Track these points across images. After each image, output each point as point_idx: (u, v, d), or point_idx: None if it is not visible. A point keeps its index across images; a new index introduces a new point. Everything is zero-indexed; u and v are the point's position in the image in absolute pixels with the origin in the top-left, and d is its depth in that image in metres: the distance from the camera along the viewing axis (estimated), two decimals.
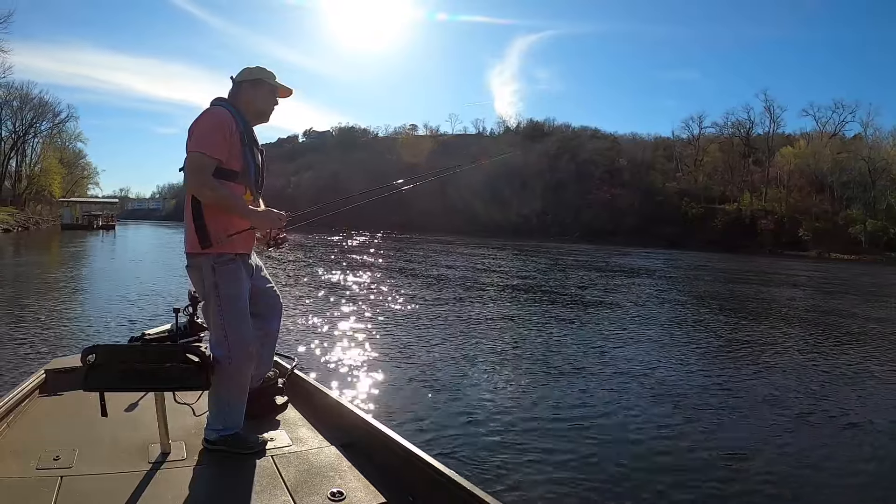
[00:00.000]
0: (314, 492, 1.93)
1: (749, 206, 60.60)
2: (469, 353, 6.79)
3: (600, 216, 64.65)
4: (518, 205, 70.95)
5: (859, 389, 6.03)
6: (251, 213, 2.26)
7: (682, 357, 7.20)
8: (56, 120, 59.59)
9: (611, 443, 4.18)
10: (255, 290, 2.43)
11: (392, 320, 8.74)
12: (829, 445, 4.37)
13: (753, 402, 5.37)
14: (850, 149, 58.56)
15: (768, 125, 67.17)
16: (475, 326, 8.54)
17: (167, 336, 2.94)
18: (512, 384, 5.59)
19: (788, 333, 9.40)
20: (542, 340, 7.83)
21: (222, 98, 2.37)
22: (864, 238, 50.33)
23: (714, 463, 3.91)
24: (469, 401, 4.98)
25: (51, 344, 6.34)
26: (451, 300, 11.28)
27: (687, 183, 69.15)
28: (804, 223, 53.93)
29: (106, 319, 8.02)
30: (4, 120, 54.96)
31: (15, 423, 2.39)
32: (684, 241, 53.13)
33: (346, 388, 5.17)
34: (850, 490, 3.65)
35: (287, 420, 2.57)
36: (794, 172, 60.21)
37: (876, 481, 3.79)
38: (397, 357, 6.41)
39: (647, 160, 73.73)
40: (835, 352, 7.98)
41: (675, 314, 11.02)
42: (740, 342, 8.40)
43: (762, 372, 6.60)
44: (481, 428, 4.33)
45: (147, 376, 2.08)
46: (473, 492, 1.75)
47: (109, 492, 1.86)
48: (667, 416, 4.83)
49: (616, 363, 6.62)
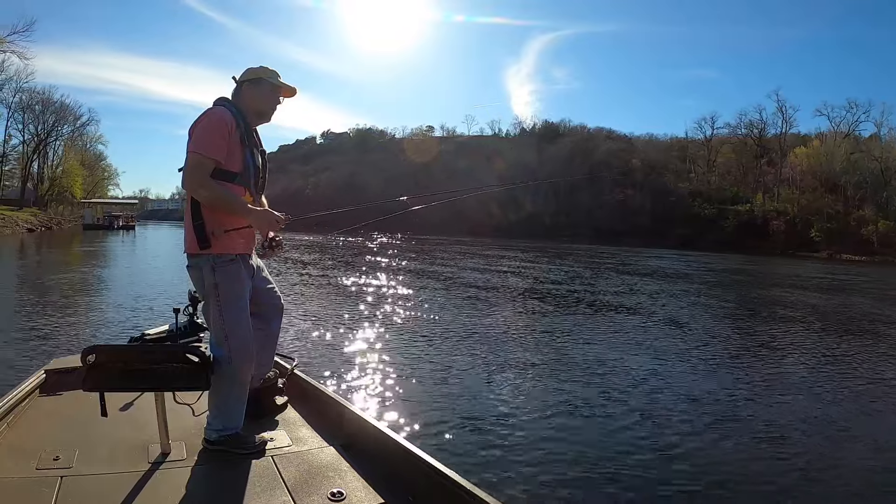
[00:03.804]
0: (314, 492, 1.93)
1: (762, 207, 60.13)
2: (470, 353, 6.77)
3: (613, 217, 64.27)
4: (532, 206, 70.75)
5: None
6: (250, 212, 2.25)
7: (699, 360, 7.07)
8: (77, 123, 61.07)
9: (612, 444, 4.14)
10: (256, 290, 2.42)
11: (392, 320, 8.74)
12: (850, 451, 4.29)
13: (787, 412, 5.22)
14: (862, 149, 57.92)
15: (781, 126, 66.71)
16: (476, 327, 8.50)
17: (167, 336, 2.95)
18: (513, 385, 5.55)
19: (807, 337, 9.17)
20: (546, 342, 7.78)
21: (225, 98, 2.36)
22: (875, 239, 49.52)
23: (723, 469, 3.83)
24: (470, 401, 4.97)
25: (51, 344, 6.38)
26: (452, 301, 11.27)
27: (700, 184, 68.80)
28: (816, 224, 53.38)
29: (106, 319, 8.10)
30: (27, 123, 56.41)
31: (15, 423, 2.40)
32: (696, 242, 52.94)
33: (346, 388, 5.17)
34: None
35: (287, 420, 2.57)
36: (806, 173, 59.70)
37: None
38: (398, 357, 6.40)
39: (660, 161, 73.25)
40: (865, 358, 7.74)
41: (692, 318, 10.84)
42: (767, 348, 8.19)
43: (795, 379, 6.46)
44: (482, 428, 4.31)
45: (147, 376, 2.08)
46: (473, 492, 1.74)
47: (109, 492, 1.86)
48: (673, 419, 4.77)
49: (619, 365, 6.55)
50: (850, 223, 52.26)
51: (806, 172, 59.65)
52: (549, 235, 61.56)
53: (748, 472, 3.76)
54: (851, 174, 55.84)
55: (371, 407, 4.67)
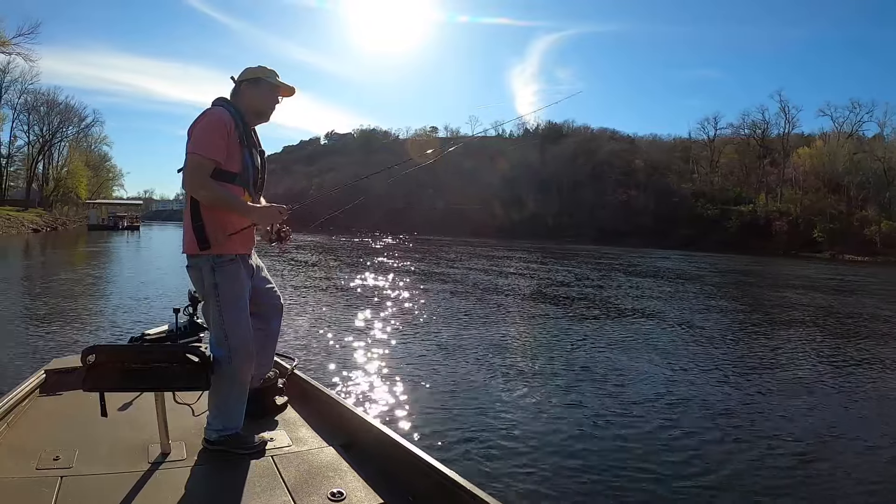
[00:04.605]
0: (314, 492, 1.93)
1: (764, 208, 60.00)
2: (471, 354, 6.76)
3: (616, 217, 64.17)
4: (535, 206, 70.67)
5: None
6: (251, 210, 2.26)
7: (716, 367, 6.89)
8: (82, 125, 61.43)
9: (614, 446, 4.14)
10: (256, 289, 2.42)
11: (394, 321, 8.75)
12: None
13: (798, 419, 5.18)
14: (865, 149, 57.72)
15: (784, 126, 66.57)
16: (481, 329, 8.50)
17: (167, 336, 2.95)
18: (514, 386, 5.54)
19: (823, 341, 9.04)
20: (551, 344, 7.78)
21: (223, 98, 2.36)
22: (878, 239, 49.32)
23: (738, 482, 3.73)
24: (470, 402, 4.96)
25: (51, 344, 6.40)
26: (456, 302, 11.27)
27: (703, 184, 68.73)
28: (818, 224, 53.25)
29: (106, 320, 8.13)
30: (32, 125, 56.74)
31: (15, 423, 2.40)
32: (699, 243, 52.99)
33: (346, 388, 5.18)
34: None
35: (287, 420, 2.57)
36: (809, 173, 59.54)
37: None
38: (398, 357, 6.41)
39: (663, 162, 73.14)
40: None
41: (707, 321, 10.71)
42: (782, 351, 8.08)
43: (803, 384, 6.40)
44: (482, 429, 4.30)
45: (147, 376, 2.08)
46: (473, 492, 1.74)
47: (109, 492, 1.86)
48: (684, 426, 4.74)
49: (628, 368, 6.54)
50: (853, 223, 52.11)
51: (809, 173, 59.50)
52: (551, 236, 61.53)
53: (766, 485, 3.68)
54: (854, 174, 55.69)
55: (371, 407, 4.67)
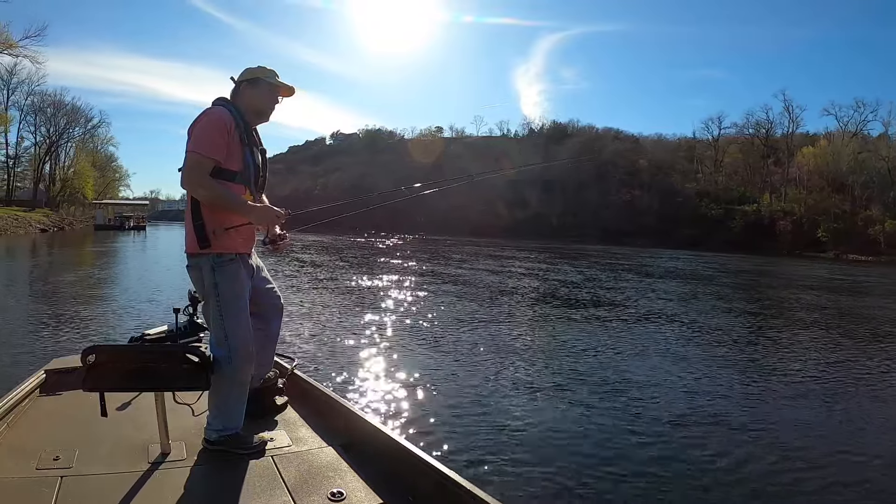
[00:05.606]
0: (314, 492, 1.93)
1: (769, 207, 59.95)
2: (471, 354, 6.75)
3: (620, 217, 64.11)
4: (538, 206, 70.60)
5: None
6: (250, 209, 2.26)
7: (728, 369, 6.77)
8: (88, 125, 61.85)
9: (615, 447, 4.12)
10: (256, 290, 2.42)
11: (396, 321, 8.74)
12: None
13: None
14: (870, 148, 57.68)
15: (788, 125, 66.57)
16: (478, 328, 8.48)
17: (167, 336, 2.95)
18: (514, 387, 5.53)
19: (839, 344, 8.90)
20: (550, 344, 7.76)
21: (223, 98, 2.36)
22: (882, 239, 49.21)
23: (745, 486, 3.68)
24: (470, 402, 4.95)
25: (51, 344, 6.42)
26: (460, 302, 11.24)
27: (707, 184, 68.68)
28: (822, 224, 53.23)
29: (106, 319, 8.14)
30: (39, 126, 57.14)
31: (15, 423, 2.41)
32: (704, 243, 53.00)
33: (346, 388, 5.17)
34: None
35: (287, 420, 2.57)
36: (813, 173, 59.44)
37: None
38: (399, 358, 6.40)
39: (667, 161, 73.06)
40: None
41: (719, 322, 10.61)
42: (794, 354, 7.96)
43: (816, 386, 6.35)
44: (482, 429, 4.30)
45: (147, 376, 2.08)
46: (473, 492, 1.74)
47: (109, 492, 1.86)
48: (694, 430, 4.69)
49: (634, 370, 6.52)
50: (857, 223, 52.06)
51: (813, 172, 59.41)
52: (555, 235, 61.51)
53: (773, 492, 3.59)
54: (858, 174, 55.63)
55: (371, 407, 4.66)
